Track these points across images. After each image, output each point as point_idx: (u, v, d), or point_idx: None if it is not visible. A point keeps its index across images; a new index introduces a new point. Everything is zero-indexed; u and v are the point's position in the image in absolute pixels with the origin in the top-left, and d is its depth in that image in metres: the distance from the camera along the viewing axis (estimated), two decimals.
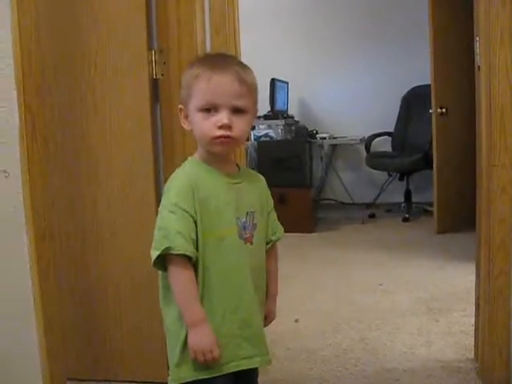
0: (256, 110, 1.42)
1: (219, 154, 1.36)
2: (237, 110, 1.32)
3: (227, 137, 1.31)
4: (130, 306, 2.16)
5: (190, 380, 1.36)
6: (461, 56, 4.09)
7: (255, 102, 1.39)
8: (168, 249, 1.27)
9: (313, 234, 4.89)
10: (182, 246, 1.27)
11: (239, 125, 1.32)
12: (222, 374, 1.37)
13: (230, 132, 1.31)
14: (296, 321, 2.85)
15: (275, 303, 1.56)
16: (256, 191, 1.47)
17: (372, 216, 5.48)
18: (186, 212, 1.29)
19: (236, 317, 1.38)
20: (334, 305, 3.10)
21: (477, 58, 2.14)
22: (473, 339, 2.35)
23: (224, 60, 1.37)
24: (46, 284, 1.31)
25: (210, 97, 1.30)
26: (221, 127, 1.30)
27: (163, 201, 1.34)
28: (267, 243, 1.50)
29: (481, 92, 2.09)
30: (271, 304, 1.54)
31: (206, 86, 1.30)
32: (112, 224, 2.12)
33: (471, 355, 2.34)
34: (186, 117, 1.38)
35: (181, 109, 1.39)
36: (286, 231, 4.67)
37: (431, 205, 4.90)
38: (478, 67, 2.12)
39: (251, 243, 1.40)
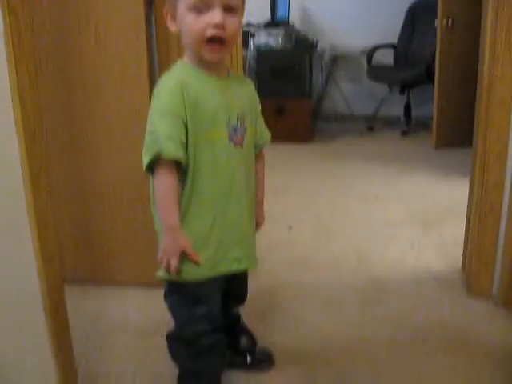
0: (243, 11, 1.37)
1: (209, 61, 1.33)
2: (229, 9, 1.28)
3: (219, 38, 1.28)
4: (125, 208, 2.18)
5: (177, 281, 1.39)
6: None
7: (244, 2, 1.36)
8: (158, 153, 1.27)
9: (311, 145, 4.87)
10: (172, 151, 1.27)
11: (231, 24, 1.29)
12: (212, 275, 1.41)
13: (222, 31, 1.27)
14: (290, 228, 2.90)
15: (262, 208, 1.59)
16: (245, 95, 1.46)
17: (371, 129, 5.45)
18: (176, 115, 1.28)
19: (226, 220, 1.40)
20: (329, 214, 3.15)
21: None
22: (462, 251, 2.39)
23: None
24: (37, 184, 1.31)
25: None
26: (214, 27, 1.27)
27: (153, 104, 1.32)
28: (255, 147, 1.50)
29: (488, 1, 2.02)
30: (259, 209, 1.57)
31: None
32: (107, 129, 2.11)
33: (459, 266, 2.40)
34: (174, 18, 1.34)
35: (167, 10, 1.35)
36: (283, 141, 4.66)
37: (431, 119, 4.86)
38: None
39: (241, 146, 1.40)
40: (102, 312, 2.11)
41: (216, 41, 1.28)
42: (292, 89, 4.88)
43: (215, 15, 1.26)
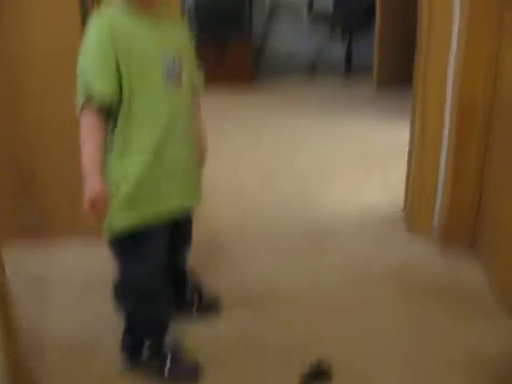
0: None
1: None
2: None
3: None
4: (64, 156, 2.11)
5: (123, 229, 1.37)
6: None
7: None
8: (89, 97, 1.25)
9: (252, 90, 4.79)
10: (101, 94, 1.25)
11: None
12: (151, 222, 1.38)
13: None
14: (235, 172, 2.88)
15: (206, 143, 1.57)
16: (179, 33, 1.43)
17: (313, 72, 5.42)
18: (106, 58, 1.25)
19: (165, 162, 1.37)
20: (273, 158, 3.14)
21: None
22: (404, 191, 2.43)
23: None
24: None
25: None
26: None
27: (83, 47, 1.28)
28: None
29: None
30: (202, 145, 1.55)
31: None
32: (41, 75, 2.02)
33: (401, 205, 2.44)
34: None
35: None
36: (225, 87, 4.57)
37: (372, 61, 4.87)
38: None
39: (179, 86, 1.37)
40: (44, 265, 2.06)
41: None
42: (232, 32, 4.81)
43: None
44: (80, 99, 1.27)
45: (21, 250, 2.15)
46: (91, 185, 1.27)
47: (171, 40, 1.37)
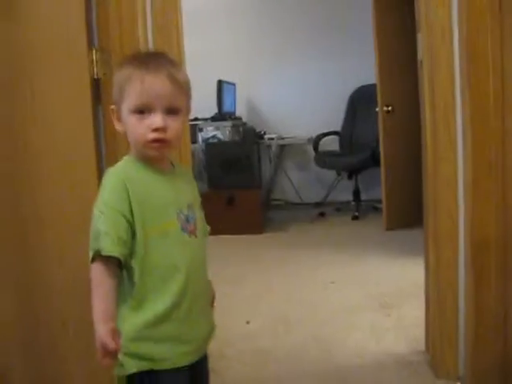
0: (190, 109, 1.40)
1: (153, 157, 1.34)
2: (171, 111, 1.29)
3: (162, 140, 1.28)
4: (76, 316, 2.08)
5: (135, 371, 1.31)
6: (405, 54, 4.14)
7: (189, 101, 1.37)
8: (98, 251, 1.25)
9: (263, 235, 4.86)
10: (109, 248, 1.25)
11: (173, 126, 1.29)
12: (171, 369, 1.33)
13: (164, 134, 1.28)
14: (247, 322, 2.82)
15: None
16: (190, 185, 1.47)
17: (322, 215, 5.51)
18: (117, 211, 1.26)
19: (184, 309, 1.34)
20: (286, 304, 3.09)
21: (419, 52, 2.17)
22: (423, 332, 2.37)
23: (155, 59, 1.32)
24: None
25: (143, 98, 1.27)
26: (155, 130, 1.27)
27: (97, 201, 1.30)
28: None
29: (424, 86, 2.11)
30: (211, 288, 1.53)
31: (139, 87, 1.27)
32: (55, 230, 2.05)
33: (422, 348, 2.37)
34: (119, 118, 1.34)
35: (113, 110, 1.35)
36: (235, 233, 4.65)
37: (380, 202, 4.96)
38: (421, 62, 2.15)
39: (195, 235, 1.38)
40: None
41: (158, 141, 1.29)
42: (241, 180, 4.93)
43: (156, 119, 1.27)
44: (90, 251, 1.27)
45: None
46: (98, 332, 1.24)
47: (184, 193, 1.40)
